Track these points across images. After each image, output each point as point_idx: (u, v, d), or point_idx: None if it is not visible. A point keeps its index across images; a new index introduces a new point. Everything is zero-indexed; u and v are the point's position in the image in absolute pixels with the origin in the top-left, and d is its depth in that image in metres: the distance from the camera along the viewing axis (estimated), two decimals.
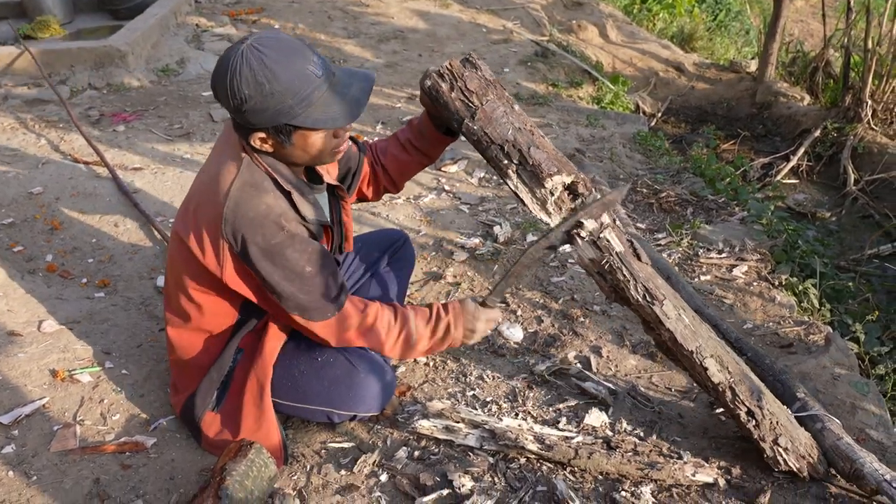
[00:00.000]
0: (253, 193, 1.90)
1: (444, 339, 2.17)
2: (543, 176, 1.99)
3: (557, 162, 2.02)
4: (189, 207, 2.02)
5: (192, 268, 2.03)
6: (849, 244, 4.95)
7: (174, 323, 2.17)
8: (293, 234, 1.93)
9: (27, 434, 2.20)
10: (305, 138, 1.89)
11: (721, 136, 6.88)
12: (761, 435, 2.13)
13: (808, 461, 2.15)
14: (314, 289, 1.97)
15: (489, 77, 2.09)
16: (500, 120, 2.02)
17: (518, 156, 2.01)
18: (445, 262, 3.40)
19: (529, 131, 2.05)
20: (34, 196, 3.70)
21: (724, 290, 3.29)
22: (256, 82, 1.76)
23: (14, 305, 2.79)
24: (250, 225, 1.88)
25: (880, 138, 6.16)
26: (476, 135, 2.05)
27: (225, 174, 1.93)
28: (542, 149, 2.02)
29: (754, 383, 2.15)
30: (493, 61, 7.03)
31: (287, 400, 2.21)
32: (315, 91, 1.82)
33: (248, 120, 1.83)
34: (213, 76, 1.85)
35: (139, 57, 6.00)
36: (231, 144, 2.00)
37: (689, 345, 2.09)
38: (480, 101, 2.04)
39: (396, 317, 2.12)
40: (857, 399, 2.55)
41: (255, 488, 1.89)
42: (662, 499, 2.11)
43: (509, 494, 2.08)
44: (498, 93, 2.08)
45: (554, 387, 2.59)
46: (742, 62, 8.45)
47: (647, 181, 4.56)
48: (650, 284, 2.06)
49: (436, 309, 2.17)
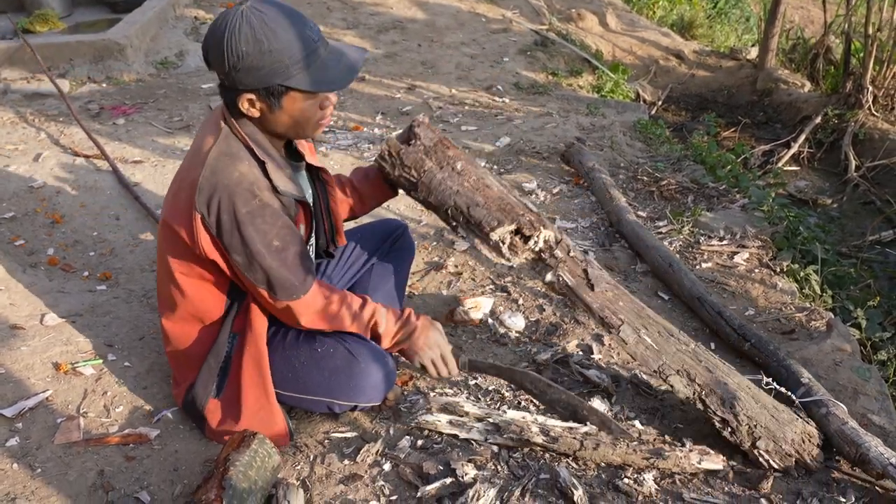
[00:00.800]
0: (227, 162, 1.91)
1: (405, 342, 2.25)
2: (486, 231, 2.13)
3: (500, 212, 2.14)
4: (171, 190, 2.04)
5: (177, 249, 2.03)
6: (850, 230, 4.95)
7: (167, 314, 2.17)
8: (265, 205, 1.92)
9: (31, 427, 2.21)
10: (294, 102, 1.90)
11: (721, 124, 6.87)
12: (739, 440, 2.16)
13: (797, 458, 2.16)
14: (281, 265, 1.96)
15: (429, 143, 2.22)
16: (439, 188, 2.17)
17: (461, 217, 2.16)
18: (446, 251, 3.40)
19: (471, 188, 2.18)
20: (35, 190, 3.70)
21: (725, 277, 3.29)
22: (255, 39, 1.78)
23: (16, 299, 2.80)
24: (224, 192, 1.88)
25: (881, 124, 6.14)
26: (422, 204, 2.24)
27: (203, 146, 1.95)
28: (484, 204, 2.15)
29: (728, 390, 2.16)
30: (493, 50, 7.02)
31: (288, 391, 2.21)
32: (311, 54, 1.86)
33: (240, 80, 1.84)
34: (206, 38, 1.86)
35: (138, 50, 5.99)
36: (212, 121, 2.02)
37: (651, 365, 2.19)
38: (419, 174, 2.19)
39: (364, 307, 2.16)
40: (859, 384, 2.55)
41: (259, 478, 1.89)
42: (665, 485, 2.12)
43: (512, 482, 2.08)
44: (439, 158, 2.21)
45: (556, 374, 2.59)
46: (742, 49, 8.43)
47: (648, 169, 4.55)
48: (605, 313, 2.19)
49: (406, 314, 2.25)
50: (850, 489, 2.12)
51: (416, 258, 3.29)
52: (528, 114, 5.55)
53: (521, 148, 4.74)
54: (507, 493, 2.01)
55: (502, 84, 6.27)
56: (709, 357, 2.25)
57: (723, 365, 2.25)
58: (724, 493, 2.09)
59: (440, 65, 6.60)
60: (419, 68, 6.49)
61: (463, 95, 5.93)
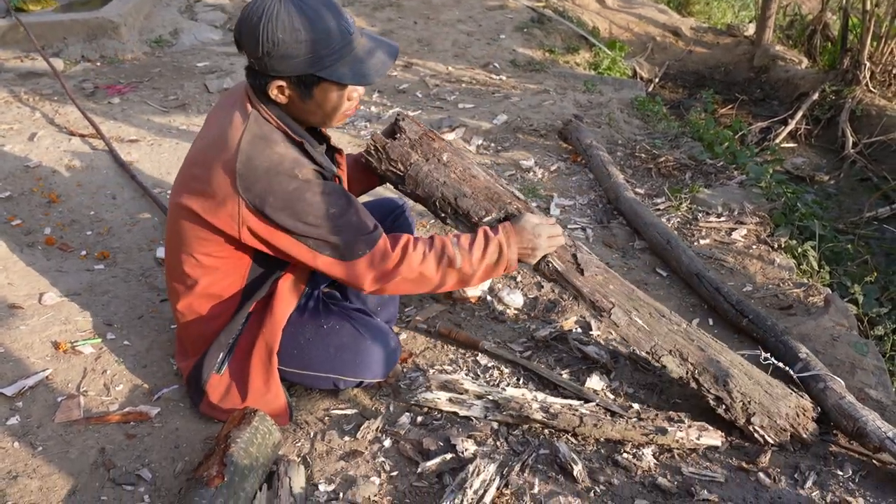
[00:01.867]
0: (263, 145, 1.89)
1: (499, 261, 2.07)
2: (475, 221, 2.16)
3: (487, 202, 2.17)
4: (193, 172, 1.99)
5: (201, 232, 1.99)
6: (847, 207, 4.96)
7: (181, 292, 2.14)
8: (308, 180, 1.89)
9: (31, 405, 2.21)
10: (325, 92, 1.89)
11: (719, 101, 6.85)
12: (734, 417, 2.18)
13: (792, 432, 2.18)
14: (343, 228, 1.92)
15: (414, 136, 2.23)
16: (425, 180, 2.18)
17: (449, 208, 2.19)
18: (445, 230, 3.40)
19: (458, 179, 2.19)
20: (31, 169, 3.68)
21: (723, 253, 3.29)
22: (293, 28, 1.77)
23: (14, 279, 2.79)
24: (265, 176, 1.86)
25: (878, 100, 6.13)
26: (411, 196, 2.24)
27: (232, 131, 1.91)
28: (471, 195, 2.17)
29: (721, 367, 2.18)
30: (489, 28, 6.98)
31: (292, 367, 2.20)
32: (346, 46, 1.85)
33: (273, 66, 1.82)
34: (241, 21, 1.83)
35: (132, 28, 5.94)
36: (234, 105, 1.97)
37: (643, 347, 2.21)
38: (405, 167, 2.19)
39: (432, 244, 2.03)
40: (857, 359, 2.56)
41: (260, 455, 1.90)
42: (664, 460, 2.13)
43: (512, 458, 2.09)
44: (424, 150, 2.22)
45: (555, 351, 2.59)
46: (739, 26, 8.39)
47: (646, 146, 4.54)
48: (596, 296, 2.20)
49: (482, 231, 2.09)
50: (847, 463, 2.13)
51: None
52: (525, 91, 5.53)
53: (519, 125, 4.72)
54: (507, 468, 2.02)
55: (499, 61, 6.23)
56: (701, 336, 2.27)
57: (715, 343, 2.27)
58: (723, 467, 2.11)
59: (436, 42, 6.56)
60: (415, 46, 6.46)
61: (460, 73, 5.90)
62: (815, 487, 2.04)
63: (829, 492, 2.03)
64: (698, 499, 1.98)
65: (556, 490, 1.99)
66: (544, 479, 2.03)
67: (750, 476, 2.08)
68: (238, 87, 2.05)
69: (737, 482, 2.06)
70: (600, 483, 2.04)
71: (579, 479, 2.02)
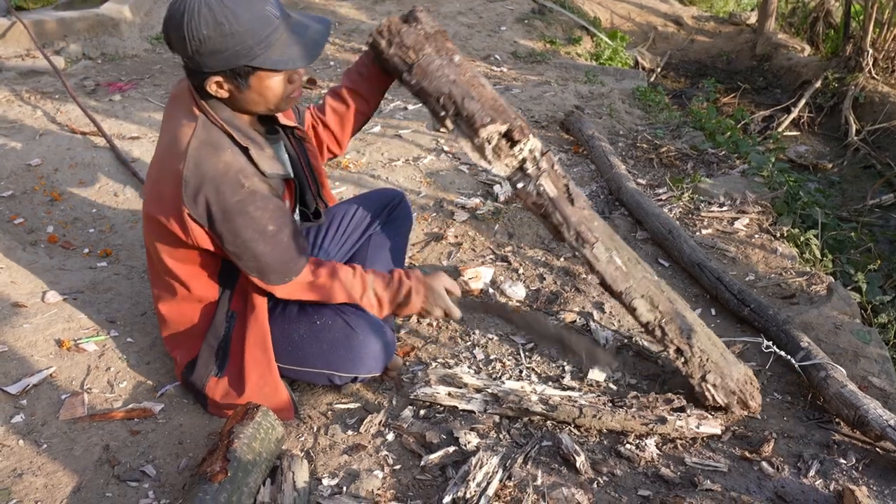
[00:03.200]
0: (210, 152, 1.88)
1: (405, 305, 2.19)
2: (477, 126, 2.03)
3: (493, 111, 2.05)
4: (152, 178, 2.01)
5: (166, 239, 2.01)
6: (851, 195, 4.94)
7: (163, 298, 2.17)
8: (254, 191, 1.90)
9: (36, 403, 2.22)
10: (262, 81, 1.87)
11: (721, 90, 6.83)
12: (689, 371, 2.20)
13: (739, 397, 2.22)
14: (275, 249, 1.96)
15: (430, 30, 2.12)
16: (436, 73, 2.06)
17: (453, 108, 2.06)
18: (446, 222, 3.40)
19: (467, 82, 2.08)
20: (33, 168, 3.69)
21: (725, 242, 3.29)
22: (216, 22, 1.74)
23: (17, 277, 2.80)
24: (210, 184, 1.86)
25: (882, 87, 6.10)
26: (413, 88, 2.10)
27: (181, 136, 1.90)
28: (478, 99, 2.05)
29: (686, 322, 2.21)
30: (490, 20, 6.97)
31: (288, 364, 2.21)
32: (274, 32, 1.82)
33: (205, 63, 1.80)
34: (165, 21, 1.81)
35: (132, 25, 5.94)
36: (182, 108, 1.97)
37: (619, 286, 2.19)
38: (417, 55, 2.07)
39: (355, 278, 2.13)
40: (860, 348, 2.56)
41: (263, 450, 1.91)
42: (667, 451, 2.13)
43: (515, 450, 2.09)
44: (437, 45, 2.11)
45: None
46: (741, 14, 8.37)
47: (647, 136, 4.53)
48: (582, 228, 2.15)
49: (397, 275, 2.20)
50: (850, 451, 2.13)
51: (416, 229, 3.30)
52: (526, 83, 5.52)
53: None
54: (510, 460, 2.03)
55: (500, 53, 6.22)
56: (670, 291, 2.28)
57: (681, 301, 2.29)
58: (726, 456, 2.11)
59: None
60: None
61: None
62: (818, 476, 2.04)
63: (832, 480, 2.03)
64: (701, 488, 1.98)
65: (559, 481, 1.99)
66: (547, 470, 2.03)
67: (753, 465, 2.08)
68: (185, 85, 2.02)
69: (740, 472, 2.07)
70: (603, 474, 2.04)
71: (582, 471, 2.03)
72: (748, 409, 2.24)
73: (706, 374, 2.18)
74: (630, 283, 2.19)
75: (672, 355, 2.21)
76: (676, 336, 2.19)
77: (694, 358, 2.19)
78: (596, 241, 2.16)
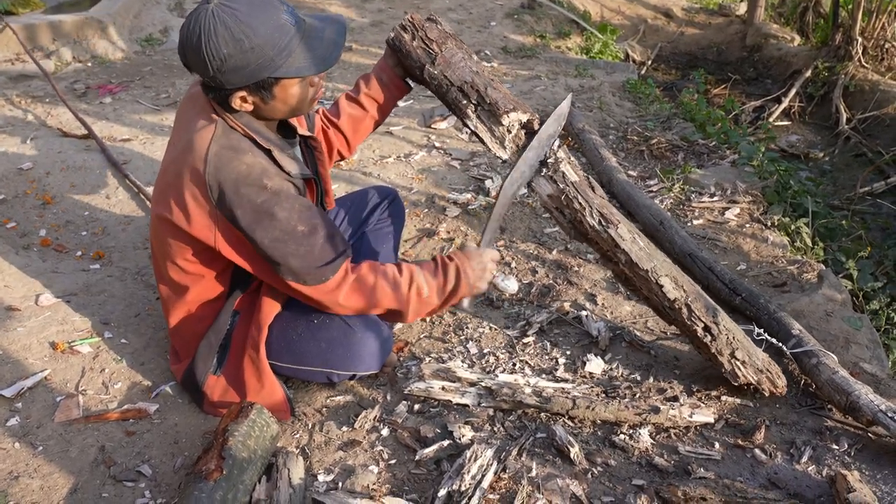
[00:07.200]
0: (231, 156, 1.87)
1: (457, 287, 2.09)
2: (500, 113, 2.06)
3: (513, 102, 2.10)
4: (167, 181, 1.98)
5: (181, 241, 2.00)
6: (842, 183, 4.96)
7: (169, 296, 2.17)
8: (278, 191, 1.88)
9: (31, 406, 2.22)
10: (286, 89, 1.88)
11: (712, 81, 6.85)
12: (718, 349, 2.20)
13: (767, 376, 2.22)
14: (309, 250, 1.91)
15: (448, 30, 2.21)
16: (459, 64, 2.12)
17: (476, 96, 2.09)
18: (438, 218, 3.41)
19: (487, 76, 2.14)
20: (24, 172, 3.69)
21: (717, 232, 3.30)
22: (235, 39, 1.73)
23: (10, 281, 2.80)
24: (233, 187, 1.85)
25: (871, 75, 6.13)
26: (437, 79, 2.14)
27: (199, 141, 1.89)
28: (499, 90, 2.10)
29: (709, 301, 2.22)
30: (480, 15, 6.97)
31: (286, 362, 2.21)
32: (292, 39, 1.81)
33: (228, 80, 1.80)
34: (182, 44, 1.80)
35: (122, 28, 5.94)
36: (199, 111, 1.96)
37: (645, 264, 2.17)
38: (440, 48, 2.14)
39: (401, 272, 2.05)
40: (851, 334, 2.58)
41: (258, 447, 1.91)
42: (661, 440, 2.14)
43: (509, 442, 2.10)
44: (457, 42, 2.20)
45: (551, 334, 2.61)
46: (731, 5, 8.38)
47: (638, 128, 4.54)
48: (605, 211, 2.14)
49: (439, 259, 2.12)
50: (843, 437, 2.15)
51: (408, 225, 3.30)
52: (516, 77, 5.53)
53: None
54: (505, 452, 2.04)
55: (490, 48, 6.23)
56: (688, 277, 2.29)
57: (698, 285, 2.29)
58: (719, 444, 2.12)
59: None
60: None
61: None
62: (810, 462, 2.06)
63: (825, 466, 2.04)
64: (695, 476, 1.99)
65: (554, 472, 2.00)
66: (542, 462, 2.04)
67: (746, 453, 2.10)
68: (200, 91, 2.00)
69: (733, 459, 2.08)
70: (597, 464, 2.05)
71: (576, 461, 2.04)
72: (776, 388, 2.24)
73: (735, 350, 2.18)
74: (655, 263, 2.18)
75: (700, 333, 2.19)
76: (703, 314, 2.18)
77: (721, 335, 2.18)
78: (619, 223, 2.16)
